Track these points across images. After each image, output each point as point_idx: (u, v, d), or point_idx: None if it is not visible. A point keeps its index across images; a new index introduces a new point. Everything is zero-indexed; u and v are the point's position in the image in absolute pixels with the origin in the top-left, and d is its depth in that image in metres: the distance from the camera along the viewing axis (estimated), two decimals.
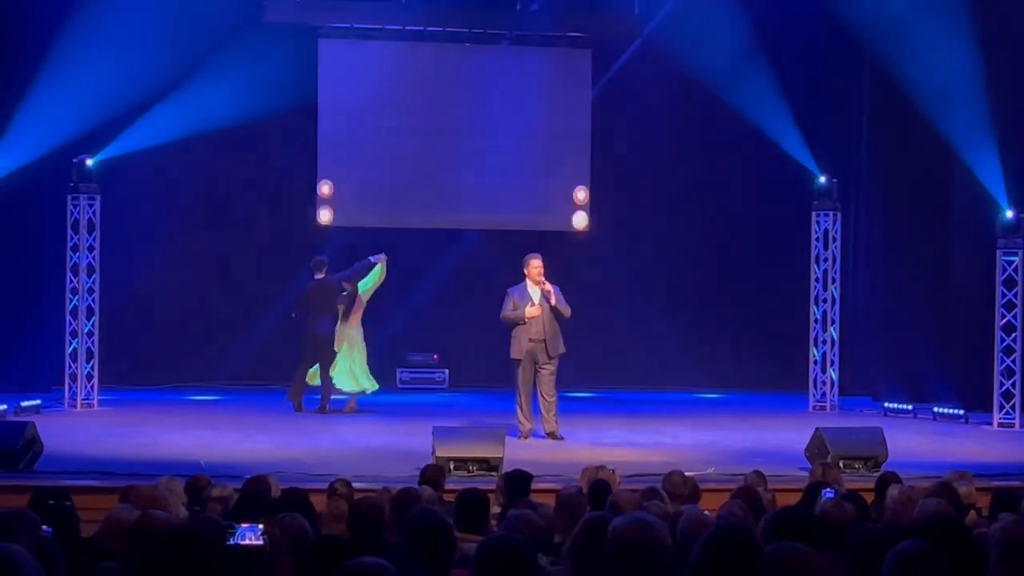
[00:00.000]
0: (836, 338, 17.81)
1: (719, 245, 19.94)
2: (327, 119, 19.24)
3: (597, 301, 18.54)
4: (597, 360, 18.93)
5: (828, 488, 7.66)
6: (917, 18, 16.57)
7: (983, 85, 16.30)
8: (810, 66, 19.22)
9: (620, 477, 8.87)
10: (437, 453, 11.05)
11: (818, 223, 17.92)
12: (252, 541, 5.34)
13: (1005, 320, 15.90)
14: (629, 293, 19.58)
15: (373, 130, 19.32)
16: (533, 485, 8.23)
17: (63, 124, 16.46)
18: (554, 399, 13.82)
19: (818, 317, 17.92)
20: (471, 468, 11.01)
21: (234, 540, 5.31)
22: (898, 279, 18.20)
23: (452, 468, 10.83)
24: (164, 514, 5.77)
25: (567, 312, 13.83)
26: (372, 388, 16.43)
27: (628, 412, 16.70)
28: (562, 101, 19.78)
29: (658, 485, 7.71)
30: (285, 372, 16.85)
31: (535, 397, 13.86)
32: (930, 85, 16.68)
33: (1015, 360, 15.80)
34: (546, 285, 13.79)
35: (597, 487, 7.55)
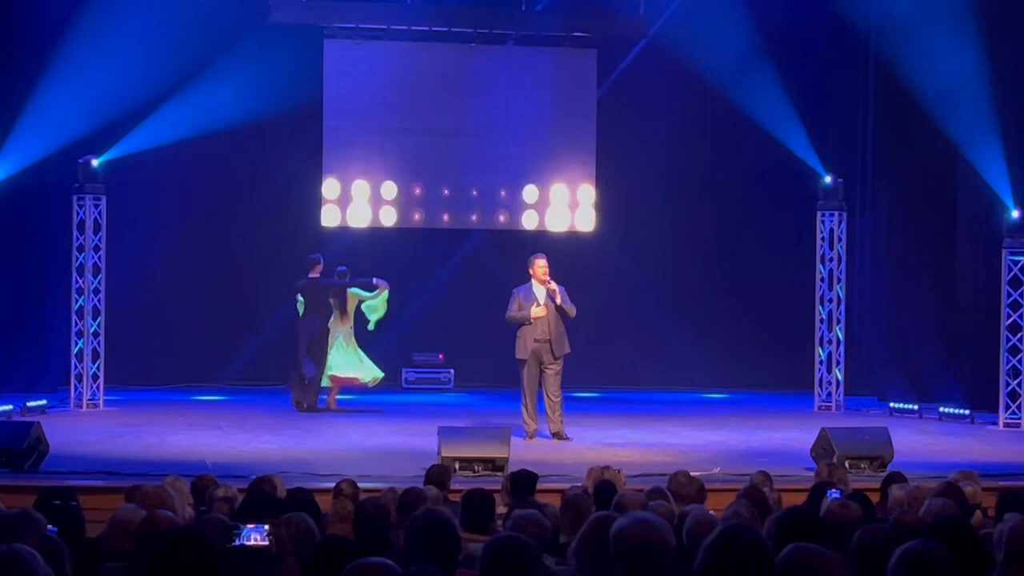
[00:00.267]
0: (842, 338, 17.78)
1: (724, 245, 19.91)
2: (332, 119, 19.25)
3: (602, 301, 18.54)
4: (602, 360, 18.92)
5: (834, 488, 7.64)
6: (922, 18, 16.56)
7: (988, 84, 16.29)
8: (816, 66, 19.20)
9: (626, 477, 8.87)
10: (443, 453, 11.05)
11: (823, 223, 17.89)
12: (258, 542, 5.34)
13: (1011, 320, 15.87)
14: (634, 293, 19.57)
15: (378, 130, 19.33)
16: (538, 485, 8.23)
17: (69, 124, 16.49)
18: (559, 399, 13.80)
19: (824, 317, 17.89)
20: (477, 468, 11.02)
21: (240, 541, 5.30)
22: (904, 279, 18.18)
23: (458, 468, 10.84)
24: (170, 514, 5.77)
25: (572, 312, 13.82)
26: (380, 376, 16.45)
27: (633, 412, 16.69)
28: (567, 101, 19.78)
29: (664, 485, 7.71)
30: (291, 373, 16.83)
31: (540, 397, 13.86)
32: (936, 85, 16.67)
33: (1021, 360, 15.79)
34: (551, 284, 13.78)
35: (602, 487, 7.55)
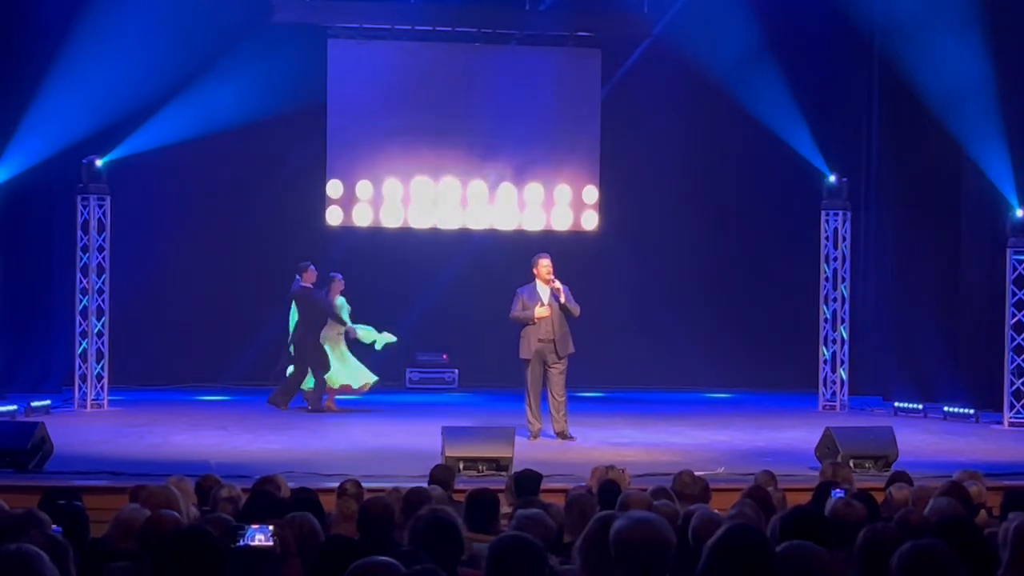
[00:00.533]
0: (846, 337, 17.77)
1: (728, 244, 19.90)
2: (336, 119, 19.25)
3: (606, 301, 18.52)
4: (606, 360, 18.89)
5: (838, 488, 7.64)
6: (927, 17, 16.55)
7: (993, 83, 16.28)
8: (820, 65, 19.18)
9: (630, 477, 8.87)
10: (447, 453, 11.04)
11: (828, 222, 17.87)
12: (262, 543, 5.33)
13: (1016, 319, 15.85)
14: (638, 293, 19.55)
15: (382, 130, 19.32)
16: (543, 485, 8.22)
17: (73, 124, 16.48)
18: (564, 399, 13.80)
19: (828, 316, 17.88)
20: (481, 468, 11.01)
21: (244, 541, 5.30)
22: (908, 278, 18.17)
23: (462, 468, 10.83)
24: (174, 514, 5.77)
25: (576, 311, 13.81)
26: (373, 380, 16.45)
27: (638, 412, 16.68)
28: (571, 101, 19.77)
29: (668, 485, 7.70)
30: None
31: (545, 397, 13.86)
32: (940, 84, 16.65)
33: None
34: (555, 283, 13.77)
35: (607, 487, 7.54)
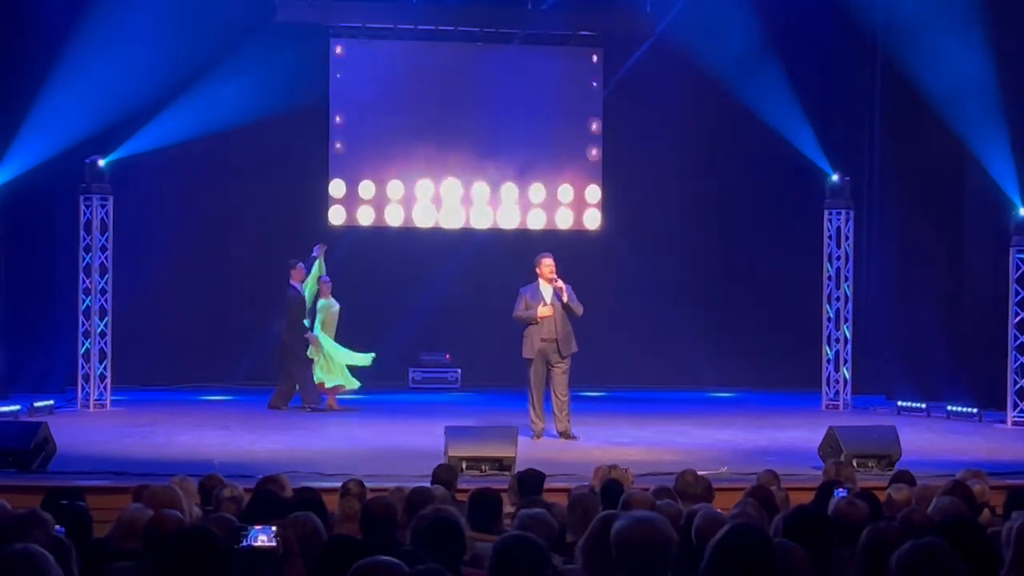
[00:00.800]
0: (849, 336, 17.76)
1: (731, 243, 19.90)
2: (338, 119, 19.25)
3: (609, 300, 18.53)
4: (609, 359, 18.89)
5: (841, 487, 7.63)
6: (930, 16, 16.53)
7: (996, 82, 16.25)
8: (823, 64, 19.19)
9: (633, 476, 8.86)
10: (450, 453, 11.04)
11: (831, 221, 17.87)
12: (265, 543, 5.33)
13: (1019, 318, 15.83)
14: (641, 292, 19.55)
15: (385, 130, 19.34)
16: (546, 484, 8.22)
17: (75, 124, 16.47)
18: (567, 398, 13.79)
19: (831, 315, 17.87)
20: (484, 468, 11.01)
21: (247, 542, 5.30)
22: (911, 277, 18.15)
23: (465, 468, 10.82)
24: (177, 514, 5.77)
25: (579, 310, 13.81)
26: (357, 384, 16.46)
27: (641, 411, 16.67)
28: (574, 100, 19.79)
29: (671, 484, 7.70)
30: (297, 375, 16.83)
31: (548, 396, 13.85)
32: (943, 83, 16.63)
33: None
34: (558, 282, 13.77)
35: (610, 486, 7.54)
